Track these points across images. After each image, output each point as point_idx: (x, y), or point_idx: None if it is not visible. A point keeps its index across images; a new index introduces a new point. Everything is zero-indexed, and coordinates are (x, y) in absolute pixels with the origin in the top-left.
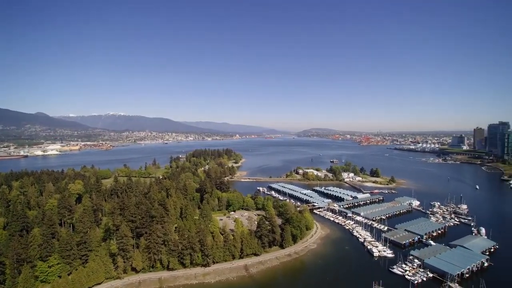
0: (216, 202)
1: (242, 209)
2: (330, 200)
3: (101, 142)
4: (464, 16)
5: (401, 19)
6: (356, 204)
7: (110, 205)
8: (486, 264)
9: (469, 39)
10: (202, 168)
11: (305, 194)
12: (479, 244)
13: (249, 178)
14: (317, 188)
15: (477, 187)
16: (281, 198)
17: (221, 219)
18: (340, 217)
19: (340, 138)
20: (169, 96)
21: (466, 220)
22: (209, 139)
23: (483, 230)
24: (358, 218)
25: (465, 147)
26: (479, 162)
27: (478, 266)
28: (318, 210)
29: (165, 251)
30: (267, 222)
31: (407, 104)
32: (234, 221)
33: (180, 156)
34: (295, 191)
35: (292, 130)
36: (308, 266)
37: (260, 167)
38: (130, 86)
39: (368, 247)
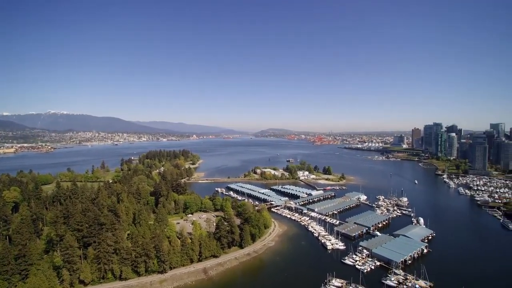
0: (173, 205)
1: (200, 211)
2: (287, 198)
3: (40, 144)
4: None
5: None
6: (311, 200)
7: (52, 214)
8: (425, 251)
9: (403, 45)
10: (157, 170)
11: (263, 193)
12: (419, 233)
13: (207, 179)
14: (275, 187)
15: (416, 182)
16: (240, 198)
17: (178, 223)
18: (297, 214)
19: (295, 138)
20: (118, 94)
21: (407, 212)
22: (164, 139)
23: (421, 220)
24: (313, 214)
25: (404, 146)
26: (416, 159)
27: (418, 253)
28: (276, 208)
29: (117, 260)
30: (225, 223)
31: (355, 106)
32: (192, 224)
33: (132, 158)
34: (254, 190)
35: (250, 130)
36: (267, 264)
37: (219, 167)
38: (74, 82)
39: (322, 241)
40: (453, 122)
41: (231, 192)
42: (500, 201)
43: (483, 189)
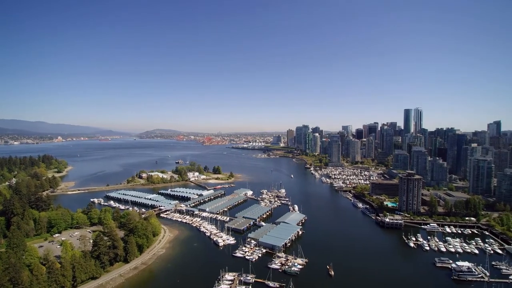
0: (32, 225)
1: (72, 228)
2: (177, 201)
3: None
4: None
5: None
6: (202, 201)
7: None
8: (300, 233)
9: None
10: (7, 183)
11: (150, 198)
12: (295, 218)
13: (78, 190)
14: (163, 191)
15: (292, 176)
16: (123, 207)
17: (42, 246)
18: (188, 216)
19: (184, 139)
20: None
21: (285, 201)
22: (16, 143)
23: (296, 207)
24: (204, 214)
25: (282, 144)
26: (291, 156)
27: (295, 235)
28: (166, 213)
29: None
30: (106, 238)
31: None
32: (61, 245)
33: None
34: (139, 197)
35: (133, 131)
36: (157, 274)
37: (94, 174)
38: None
39: (214, 239)
40: (316, 124)
41: (112, 202)
42: (350, 186)
43: (338, 177)
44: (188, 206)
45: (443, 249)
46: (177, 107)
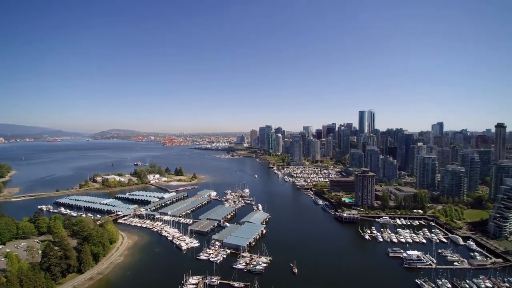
0: None
1: (17, 238)
2: (136, 206)
3: None
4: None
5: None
6: (164, 204)
7: None
8: (264, 231)
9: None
10: None
11: (106, 204)
12: (259, 217)
13: (24, 196)
14: (121, 195)
15: (256, 176)
16: (75, 214)
17: None
18: (148, 221)
19: (144, 140)
20: None
21: (249, 201)
22: None
23: (260, 206)
24: (166, 217)
25: (245, 145)
26: (254, 156)
27: (260, 234)
28: (124, 218)
29: None
30: (56, 248)
31: (206, 106)
32: (6, 257)
33: None
34: (94, 202)
35: (86, 131)
36: (115, 283)
37: (42, 179)
38: None
39: (177, 242)
40: (279, 125)
41: (62, 208)
42: (311, 184)
43: (300, 176)
44: (149, 210)
45: (395, 240)
46: (135, 107)
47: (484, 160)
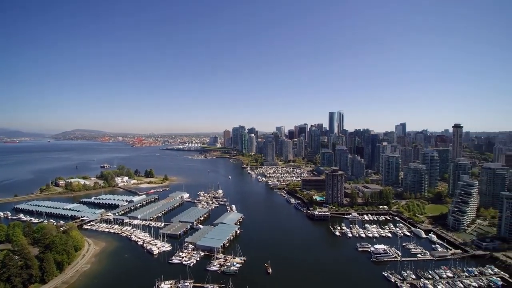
0: None
1: None
2: (103, 210)
3: None
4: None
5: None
6: (133, 208)
7: None
8: (238, 232)
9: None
10: None
11: (70, 209)
12: (233, 218)
13: None
14: (86, 199)
15: (230, 177)
16: (36, 221)
17: None
18: (117, 226)
19: (111, 141)
20: None
21: (223, 202)
22: None
23: (234, 207)
24: (136, 221)
25: (219, 145)
26: (228, 156)
27: (233, 235)
28: (90, 224)
29: None
30: (16, 257)
31: (178, 106)
32: None
33: None
34: (56, 207)
35: (47, 131)
36: None
37: None
38: None
39: (148, 247)
40: (252, 125)
41: (22, 215)
42: (284, 184)
43: (273, 175)
44: (117, 214)
45: (363, 235)
46: (101, 106)
47: (443, 158)
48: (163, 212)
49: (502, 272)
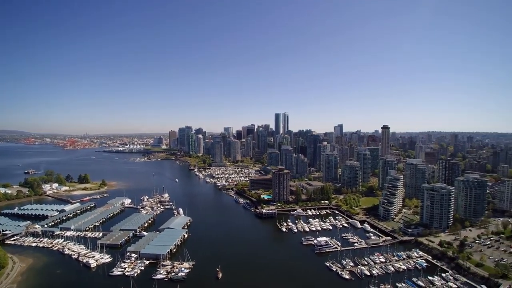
0: None
1: None
2: (29, 222)
3: None
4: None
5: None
6: (65, 218)
7: None
8: (186, 236)
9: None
10: None
11: None
12: (180, 222)
13: None
14: (8, 210)
15: (177, 180)
16: None
17: None
18: (46, 239)
19: (37, 143)
20: None
21: (169, 206)
22: None
23: (181, 210)
24: (69, 233)
25: (164, 146)
26: (174, 158)
27: (181, 239)
28: (13, 239)
29: None
30: None
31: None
32: None
33: None
34: None
35: None
36: None
37: None
38: None
39: (84, 260)
40: (200, 126)
41: None
42: (232, 184)
43: (221, 176)
44: (45, 226)
45: (307, 229)
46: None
47: (374, 156)
48: (101, 221)
49: (426, 254)
